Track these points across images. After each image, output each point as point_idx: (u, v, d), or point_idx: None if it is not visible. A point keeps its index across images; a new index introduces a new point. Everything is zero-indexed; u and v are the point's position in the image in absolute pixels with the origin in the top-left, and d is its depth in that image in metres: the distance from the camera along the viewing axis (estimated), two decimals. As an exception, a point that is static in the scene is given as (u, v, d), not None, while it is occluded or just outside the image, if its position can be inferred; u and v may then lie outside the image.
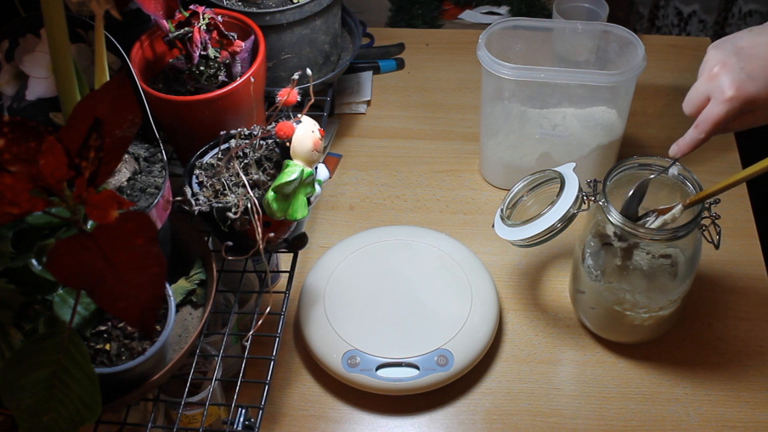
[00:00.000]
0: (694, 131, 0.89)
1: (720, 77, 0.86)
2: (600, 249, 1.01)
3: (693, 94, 0.90)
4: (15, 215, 0.57)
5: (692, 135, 0.90)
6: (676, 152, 0.92)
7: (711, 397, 1.02)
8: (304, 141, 0.85)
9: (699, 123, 0.89)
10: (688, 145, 0.90)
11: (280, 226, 0.88)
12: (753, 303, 1.11)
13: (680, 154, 0.92)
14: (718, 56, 0.88)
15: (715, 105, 0.87)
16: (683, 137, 0.91)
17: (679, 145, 0.92)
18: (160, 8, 0.88)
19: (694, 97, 0.89)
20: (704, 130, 0.88)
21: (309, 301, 1.06)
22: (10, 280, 0.72)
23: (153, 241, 0.58)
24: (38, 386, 0.62)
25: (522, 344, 1.08)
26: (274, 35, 1.08)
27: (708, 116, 0.87)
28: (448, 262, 1.10)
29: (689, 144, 0.90)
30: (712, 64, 0.88)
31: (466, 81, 1.42)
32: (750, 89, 0.85)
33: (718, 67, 0.87)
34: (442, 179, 1.28)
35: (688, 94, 0.90)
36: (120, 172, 0.85)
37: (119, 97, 0.63)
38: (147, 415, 0.92)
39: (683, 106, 0.91)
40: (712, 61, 0.88)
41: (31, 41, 0.87)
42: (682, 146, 0.91)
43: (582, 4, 1.31)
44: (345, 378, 1.01)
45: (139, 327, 0.58)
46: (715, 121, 0.87)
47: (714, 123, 0.87)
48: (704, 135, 0.88)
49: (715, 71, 0.87)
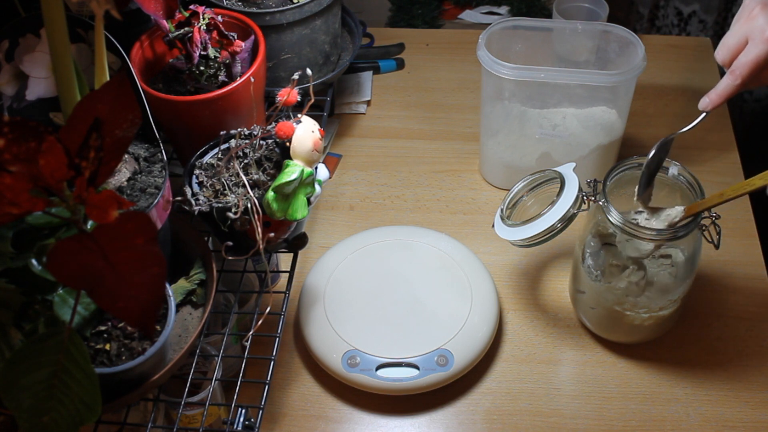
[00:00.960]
0: (729, 77, 0.84)
1: (759, 17, 0.82)
2: (600, 249, 1.01)
3: (729, 39, 0.85)
4: (15, 215, 0.57)
5: (727, 82, 0.85)
6: (707, 104, 0.87)
7: (711, 397, 1.02)
8: (304, 141, 0.85)
9: (735, 68, 0.84)
10: (721, 94, 0.86)
11: (280, 226, 0.88)
12: (753, 303, 1.11)
13: (711, 106, 0.87)
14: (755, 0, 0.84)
15: (755, 45, 0.82)
16: (714, 88, 0.86)
17: (710, 97, 0.87)
18: (160, 8, 0.88)
19: (731, 42, 0.85)
20: (741, 75, 0.83)
21: (309, 301, 1.06)
22: (10, 280, 0.72)
23: (153, 241, 0.58)
24: (38, 386, 0.62)
25: (522, 344, 1.08)
26: (274, 35, 1.08)
27: (747, 58, 0.83)
28: (448, 262, 1.10)
29: (722, 93, 0.85)
30: (751, 6, 0.84)
31: (466, 81, 1.42)
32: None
33: (759, 9, 0.83)
34: (442, 179, 1.28)
35: (723, 39, 0.85)
36: (120, 172, 0.85)
37: (119, 97, 0.63)
38: (147, 415, 0.92)
39: (716, 54, 0.86)
40: (751, 4, 0.84)
41: (31, 41, 0.87)
42: (714, 97, 0.86)
43: (582, 4, 1.31)
44: (345, 378, 1.01)
45: (139, 327, 0.58)
46: (755, 62, 0.82)
47: (754, 64, 0.82)
48: (740, 80, 0.84)
49: (755, 12, 0.83)
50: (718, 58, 0.87)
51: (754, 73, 0.83)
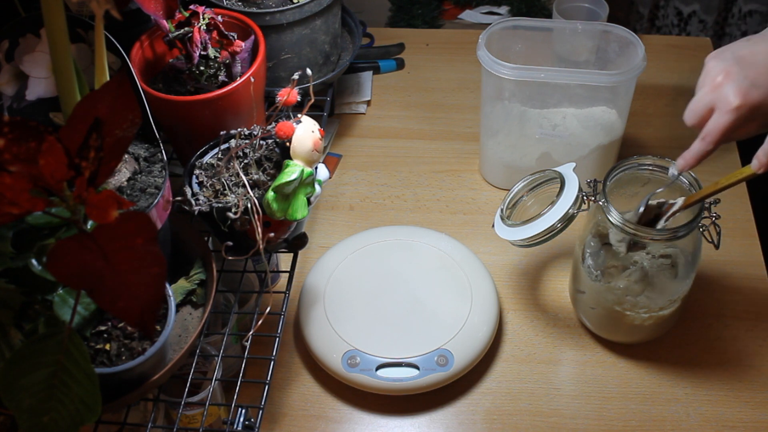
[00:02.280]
0: (701, 144, 0.88)
1: (724, 87, 0.85)
2: (600, 249, 1.01)
3: (696, 105, 0.88)
4: (15, 215, 0.57)
5: (699, 147, 0.88)
6: (683, 166, 0.90)
7: (711, 397, 1.02)
8: (304, 141, 0.85)
9: (706, 135, 0.87)
10: (695, 157, 0.89)
11: (280, 226, 0.88)
12: (753, 303, 1.11)
13: (688, 168, 0.90)
14: (719, 66, 0.87)
15: (721, 115, 0.85)
16: (689, 150, 0.89)
17: (685, 159, 0.90)
18: (160, 8, 0.88)
19: (698, 108, 0.88)
20: (712, 142, 0.86)
21: (309, 301, 1.06)
22: (10, 280, 0.72)
23: (153, 241, 0.58)
24: (38, 386, 0.62)
25: (522, 344, 1.08)
26: (274, 35, 1.08)
27: (715, 127, 0.86)
28: (448, 262, 1.10)
29: (696, 156, 0.89)
30: (714, 74, 0.87)
31: (466, 81, 1.42)
32: (755, 97, 0.84)
33: (722, 77, 0.85)
34: (442, 179, 1.28)
35: (690, 106, 0.89)
36: (120, 172, 0.85)
37: (119, 97, 0.63)
38: (147, 415, 0.92)
39: (685, 118, 0.89)
40: (714, 72, 0.87)
41: (31, 41, 0.87)
42: (688, 159, 0.89)
43: (582, 4, 1.31)
44: (345, 378, 1.01)
45: (139, 327, 0.58)
46: (723, 131, 0.85)
47: (721, 133, 0.85)
48: (712, 146, 0.87)
49: (718, 81, 0.86)
50: (687, 122, 0.89)
51: (723, 139, 0.87)
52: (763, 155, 0.84)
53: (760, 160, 0.85)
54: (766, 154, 0.84)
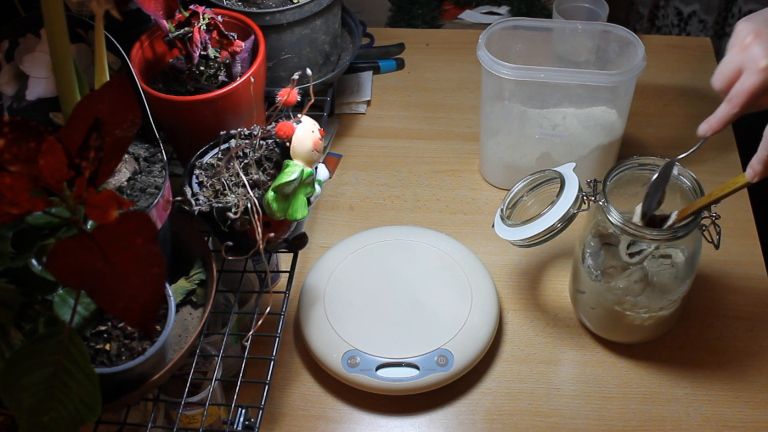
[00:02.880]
0: (726, 106, 0.85)
1: (753, 47, 0.82)
2: (600, 249, 1.01)
3: (724, 67, 0.85)
4: (15, 215, 0.57)
5: (725, 110, 0.85)
6: (706, 130, 0.87)
7: (711, 397, 1.02)
8: (304, 141, 0.85)
9: (732, 96, 0.84)
10: (720, 121, 0.86)
11: (280, 226, 0.88)
12: (753, 303, 1.11)
13: (711, 132, 0.87)
14: (749, 27, 0.84)
15: (749, 75, 0.83)
16: (713, 114, 0.86)
17: (709, 123, 0.87)
18: (160, 8, 0.88)
19: (726, 70, 0.85)
20: (738, 104, 0.84)
21: (309, 301, 1.06)
22: (10, 280, 0.72)
23: (153, 241, 0.58)
24: (38, 386, 0.62)
25: (522, 344, 1.08)
26: (274, 35, 1.08)
27: (742, 88, 0.83)
28: (448, 262, 1.10)
29: (721, 120, 0.86)
30: (744, 35, 0.84)
31: (466, 81, 1.42)
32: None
33: (751, 37, 0.83)
34: (442, 179, 1.28)
35: (718, 68, 0.86)
36: (120, 172, 0.85)
37: (119, 97, 0.63)
38: (147, 415, 0.92)
39: (712, 81, 0.87)
40: (743, 32, 0.84)
41: (31, 41, 0.87)
42: (713, 123, 0.86)
43: (582, 4, 1.31)
44: (345, 378, 1.01)
45: (139, 327, 0.58)
46: (751, 92, 0.83)
47: (749, 94, 0.83)
48: (738, 108, 0.84)
49: (747, 41, 0.83)
50: (714, 85, 0.87)
51: (751, 102, 0.84)
52: (757, 164, 0.83)
53: (754, 168, 0.83)
54: (761, 163, 0.83)
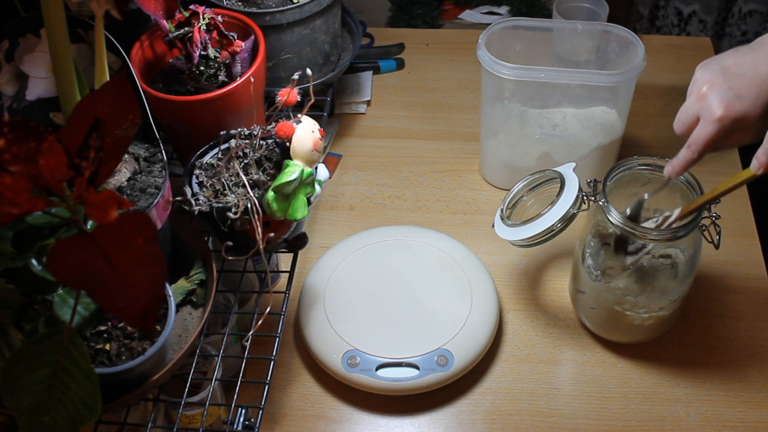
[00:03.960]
0: (686, 152, 0.90)
1: (708, 97, 0.87)
2: (600, 249, 1.01)
3: (683, 115, 0.90)
4: (15, 215, 0.57)
5: (685, 155, 0.90)
6: (670, 172, 0.93)
7: (711, 397, 1.02)
8: (304, 141, 0.85)
9: (691, 143, 0.89)
10: (682, 164, 0.91)
11: (280, 226, 0.88)
12: (753, 303, 1.11)
13: (675, 174, 0.93)
14: (705, 76, 0.88)
15: (705, 125, 0.87)
16: (676, 157, 0.92)
17: (672, 166, 0.92)
18: (160, 8, 0.88)
19: (684, 118, 0.90)
20: (696, 151, 0.89)
21: (309, 301, 1.06)
22: (10, 280, 0.72)
23: (153, 241, 0.58)
24: (38, 386, 0.62)
25: (522, 344, 1.08)
26: (274, 35, 1.08)
27: (699, 136, 0.88)
28: (448, 262, 1.10)
29: (682, 164, 0.91)
30: (700, 84, 0.88)
31: (466, 81, 1.42)
32: (738, 108, 0.85)
33: (707, 87, 0.87)
34: (442, 179, 1.28)
35: (678, 115, 0.91)
36: (120, 172, 0.85)
37: (119, 97, 0.63)
38: (147, 415, 0.92)
39: (674, 126, 0.91)
40: (700, 81, 0.88)
41: (31, 41, 0.87)
42: (675, 166, 0.92)
43: (582, 4, 1.31)
44: (345, 378, 1.01)
45: (139, 327, 0.58)
46: (706, 141, 0.87)
47: (705, 143, 0.87)
48: (696, 155, 0.89)
49: (703, 91, 0.87)
50: (675, 129, 0.92)
51: (708, 148, 0.89)
52: (762, 155, 0.85)
53: (759, 160, 0.85)
54: (766, 154, 0.84)
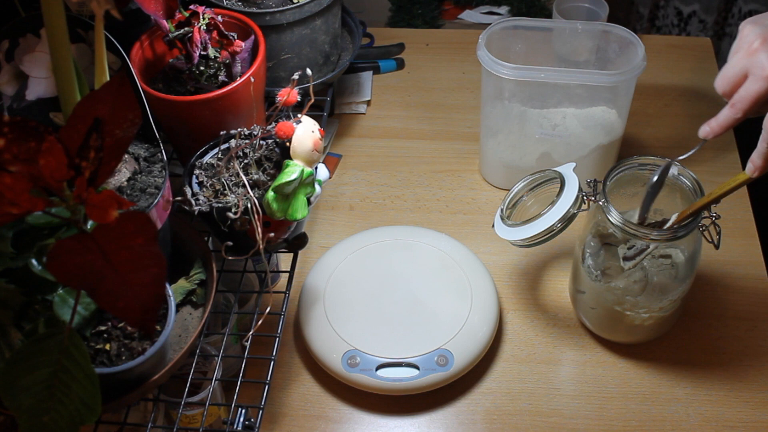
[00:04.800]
0: (730, 110, 0.84)
1: (760, 53, 0.81)
2: (600, 249, 1.01)
3: (729, 71, 0.84)
4: (15, 215, 0.57)
5: (727, 114, 0.84)
6: (708, 133, 0.87)
7: (711, 397, 1.02)
8: (304, 141, 0.85)
9: (736, 101, 0.83)
10: (722, 125, 0.85)
11: (280, 226, 0.88)
12: (753, 303, 1.11)
13: (712, 135, 0.87)
14: (757, 31, 0.82)
15: (755, 81, 0.81)
16: (716, 117, 0.86)
17: (711, 126, 0.86)
18: (160, 8, 0.88)
19: (731, 74, 0.84)
20: (741, 109, 0.83)
21: (309, 301, 1.06)
22: (10, 280, 0.72)
23: (153, 241, 0.58)
24: (38, 386, 0.62)
25: (522, 344, 1.08)
26: (274, 35, 1.08)
27: (747, 93, 0.82)
28: (448, 262, 1.10)
29: (723, 124, 0.85)
30: (751, 39, 0.82)
31: (466, 81, 1.42)
32: None
33: (759, 42, 0.81)
34: (442, 179, 1.28)
35: (723, 71, 0.85)
36: (120, 172, 0.85)
37: (119, 97, 0.63)
38: (147, 415, 0.92)
39: (716, 85, 0.86)
40: (750, 36, 0.83)
41: (31, 41, 0.87)
42: (714, 126, 0.86)
43: (582, 4, 1.31)
44: (345, 378, 1.01)
45: (139, 327, 0.58)
46: (755, 98, 0.82)
47: (753, 100, 0.82)
48: (741, 114, 0.83)
49: (755, 46, 0.82)
50: (717, 88, 0.86)
51: (754, 108, 0.83)
52: (757, 158, 0.82)
53: (754, 163, 0.83)
54: (761, 157, 0.82)
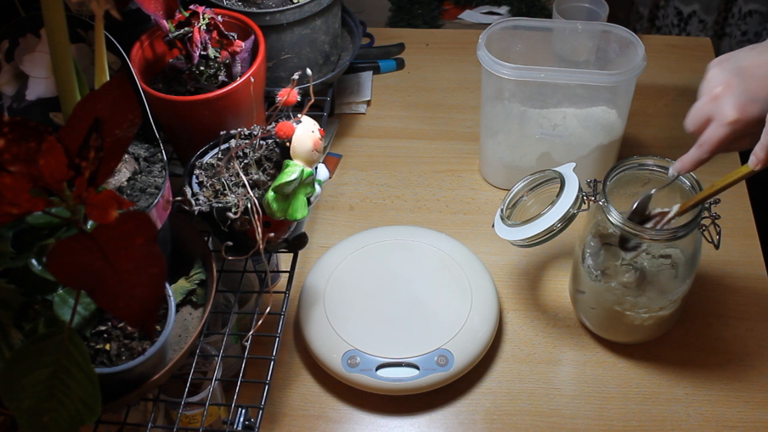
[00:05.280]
0: (697, 151, 0.89)
1: (722, 99, 0.85)
2: (600, 249, 1.01)
3: (695, 113, 0.89)
4: (15, 215, 0.57)
5: (695, 154, 0.89)
6: (679, 169, 0.92)
7: (711, 397, 1.02)
8: (304, 141, 0.85)
9: (702, 143, 0.88)
10: (691, 162, 0.90)
11: (280, 226, 0.88)
12: (753, 303, 1.11)
13: (684, 171, 0.92)
14: (720, 76, 0.87)
15: (718, 127, 0.86)
16: (686, 155, 0.91)
17: (682, 163, 0.91)
18: (160, 8, 0.88)
19: (697, 117, 0.88)
20: (707, 151, 0.87)
21: (309, 301, 1.06)
22: (10, 280, 0.72)
23: (153, 241, 0.58)
24: (38, 386, 0.62)
25: (522, 344, 1.08)
26: (274, 35, 1.08)
27: (711, 138, 0.87)
28: (448, 262, 1.10)
29: (692, 162, 0.90)
30: (714, 84, 0.87)
31: (466, 81, 1.42)
32: (753, 112, 0.84)
33: (721, 88, 0.85)
34: (442, 179, 1.28)
35: (691, 112, 0.89)
36: (120, 172, 0.85)
37: (119, 97, 0.63)
38: (147, 415, 0.92)
39: (685, 124, 0.90)
40: (714, 81, 0.87)
41: (31, 41, 0.87)
42: (686, 164, 0.91)
43: (582, 4, 1.31)
44: (345, 378, 1.01)
45: (139, 327, 0.58)
46: (718, 143, 0.86)
47: (716, 144, 0.86)
48: (707, 155, 0.88)
49: (717, 92, 0.86)
50: (686, 127, 0.91)
51: (720, 149, 0.87)
52: (760, 151, 0.84)
53: (757, 156, 0.84)
54: (764, 150, 0.83)
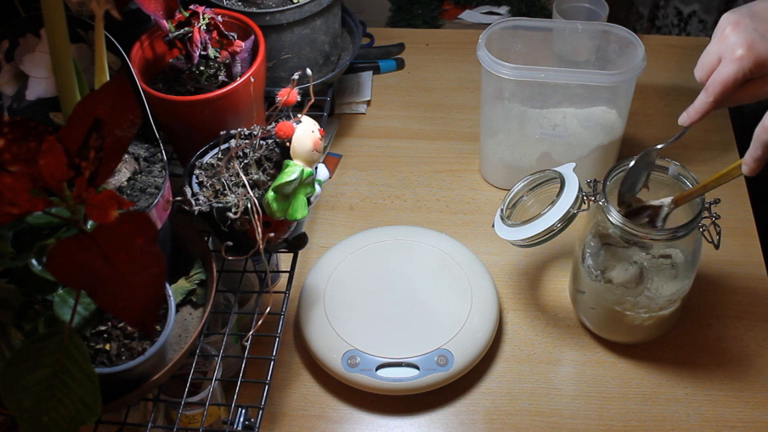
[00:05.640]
0: (703, 95, 0.85)
1: (731, 36, 0.83)
2: (600, 249, 1.01)
3: (704, 57, 0.86)
4: (15, 215, 0.57)
5: (701, 99, 0.86)
6: (685, 120, 0.88)
7: (711, 397, 1.02)
8: (304, 141, 0.85)
9: (709, 86, 0.85)
10: (698, 111, 0.87)
11: (280, 226, 0.88)
12: (753, 303, 1.11)
13: (689, 122, 0.88)
14: (731, 17, 0.84)
15: (725, 65, 0.83)
16: (692, 104, 0.87)
17: (688, 113, 0.88)
18: (160, 8, 0.88)
19: (705, 60, 0.86)
20: (713, 93, 0.84)
21: (309, 301, 1.06)
22: (10, 280, 0.72)
23: (153, 241, 0.58)
24: (38, 386, 0.62)
25: (522, 344, 1.08)
26: (274, 35, 1.08)
27: (717, 77, 0.83)
28: (448, 262, 1.10)
29: (698, 110, 0.86)
30: (724, 25, 0.85)
31: (466, 81, 1.42)
32: (762, 48, 0.81)
33: (731, 28, 0.83)
34: (442, 179, 1.28)
35: (700, 58, 0.87)
36: (120, 172, 0.85)
37: (119, 97, 0.63)
38: (147, 415, 0.92)
39: (695, 72, 0.88)
40: (724, 23, 0.85)
41: (31, 41, 0.87)
42: (691, 113, 0.88)
43: (582, 4, 1.31)
44: (345, 378, 1.01)
45: (139, 327, 0.58)
46: (725, 82, 0.83)
47: (723, 84, 0.83)
48: (713, 98, 0.84)
49: (727, 31, 0.84)
50: (696, 76, 0.88)
51: (726, 92, 0.84)
52: (750, 161, 0.83)
53: (748, 165, 0.84)
54: (753, 160, 0.83)
